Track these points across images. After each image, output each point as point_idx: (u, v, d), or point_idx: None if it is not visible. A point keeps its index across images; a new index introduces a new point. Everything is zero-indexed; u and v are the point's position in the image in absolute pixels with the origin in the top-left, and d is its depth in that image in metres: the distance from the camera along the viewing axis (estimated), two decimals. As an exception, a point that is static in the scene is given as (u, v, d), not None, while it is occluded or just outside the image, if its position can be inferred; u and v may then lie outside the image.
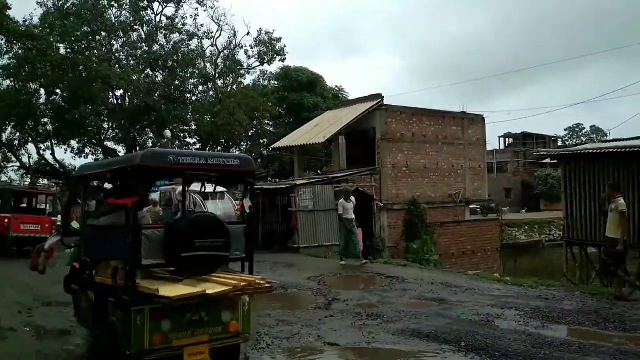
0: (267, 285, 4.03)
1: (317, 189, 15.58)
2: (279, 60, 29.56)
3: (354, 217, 11.16)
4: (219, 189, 13.20)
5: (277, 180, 31.33)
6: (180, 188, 12.57)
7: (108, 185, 4.28)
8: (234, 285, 3.71)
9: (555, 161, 14.44)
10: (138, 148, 28.73)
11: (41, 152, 26.51)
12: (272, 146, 22.69)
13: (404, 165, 19.36)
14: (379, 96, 19.58)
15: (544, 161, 31.48)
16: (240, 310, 4.02)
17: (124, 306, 3.39)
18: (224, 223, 4.07)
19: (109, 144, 29.54)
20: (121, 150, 28.93)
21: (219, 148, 34.29)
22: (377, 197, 17.50)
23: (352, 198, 11.01)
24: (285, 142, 21.19)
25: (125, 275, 3.49)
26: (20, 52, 22.11)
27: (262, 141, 33.80)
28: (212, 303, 3.61)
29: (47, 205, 13.76)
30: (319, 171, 26.85)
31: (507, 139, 55.45)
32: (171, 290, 3.40)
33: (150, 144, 27.13)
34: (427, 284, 9.04)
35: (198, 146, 32.00)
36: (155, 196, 15.62)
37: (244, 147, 33.36)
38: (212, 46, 28.06)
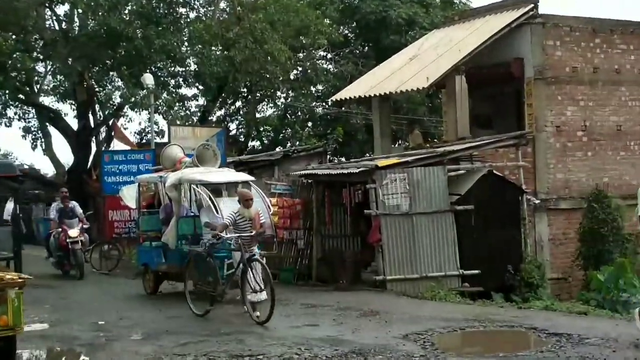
0: (19, 280, 7.54)
1: (417, 173, 15.66)
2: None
3: None
4: (240, 178, 14.11)
5: (342, 159, 31.81)
6: (171, 180, 13.49)
7: None
8: None
9: None
10: (98, 107, 30.32)
11: None
12: (333, 98, 22.99)
13: (578, 127, 19.18)
14: (530, 0, 19.23)
15: None
16: (10, 305, 7.59)
17: None
18: None
19: (47, 99, 31.44)
20: (69, 110, 30.52)
21: (238, 104, 35.38)
22: (527, 186, 17.33)
23: None
24: (356, 91, 21.41)
25: None
26: None
27: (313, 89, 34.44)
28: None
29: None
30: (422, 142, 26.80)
31: None
32: None
33: (118, 98, 28.48)
34: (625, 349, 8.93)
35: (201, 101, 33.28)
36: (131, 189, 16.71)
37: (282, 99, 34.26)
38: None
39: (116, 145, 28.70)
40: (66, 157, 34.95)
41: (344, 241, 17.33)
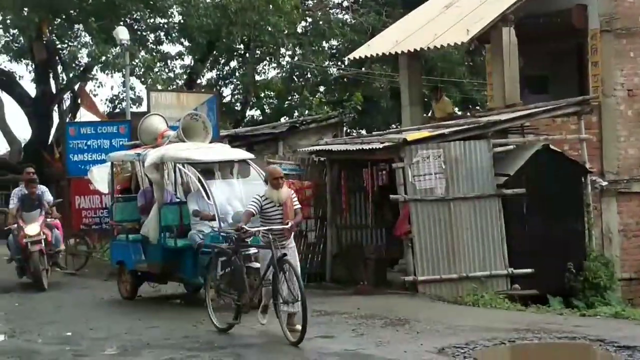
0: None
1: (455, 149, 15.63)
2: None
3: None
4: (236, 156, 14.20)
5: (362, 131, 31.62)
6: (151, 158, 13.49)
7: None
8: None
9: None
10: (60, 68, 30.30)
11: None
12: (351, 56, 22.91)
13: (656, 91, 18.95)
14: None
15: None
16: None
17: None
18: None
19: (2, 59, 31.45)
20: (25, 72, 30.47)
21: (233, 64, 35.18)
22: (592, 165, 17.25)
23: None
24: (380, 47, 21.33)
25: None
26: None
27: (326, 45, 34.25)
28: None
29: None
30: (454, 110, 26.67)
31: None
32: None
33: (86, 58, 28.46)
34: None
35: (189, 60, 33.22)
36: (102, 170, 16.77)
37: (287, 58, 34.11)
38: None
39: (83, 115, 28.83)
40: (22, 130, 35.11)
41: (365, 233, 17.34)
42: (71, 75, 29.53)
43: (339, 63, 34.04)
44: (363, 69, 30.59)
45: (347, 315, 12.65)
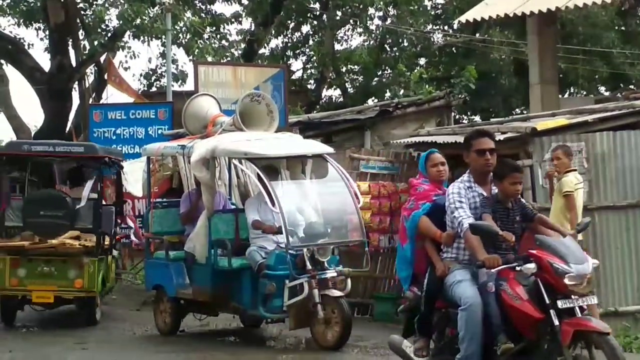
0: (79, 246, 15.34)
1: (603, 142, 15.58)
2: None
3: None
4: (310, 150, 14.40)
5: (475, 118, 31.10)
6: (199, 152, 13.58)
7: None
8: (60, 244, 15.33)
9: None
10: (82, 34, 30.67)
11: None
12: (462, 18, 22.90)
13: None
14: None
15: None
16: (86, 270, 15.18)
17: None
18: (63, 197, 16.33)
19: (1, 21, 31.85)
20: (36, 39, 30.91)
21: (306, 30, 35.00)
22: None
23: None
24: (500, 7, 21.31)
25: None
26: None
27: (427, 2, 34.10)
28: (59, 261, 15.38)
29: None
30: (597, 89, 26.43)
31: None
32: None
33: (115, 20, 28.82)
34: None
35: (247, 24, 33.24)
36: (135, 166, 17.03)
37: (377, 20, 34.06)
38: None
39: (111, 95, 29.14)
40: (33, 114, 35.51)
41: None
42: (96, 43, 29.76)
43: (446, 27, 33.94)
44: (478, 35, 30.42)
45: None
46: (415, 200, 9.58)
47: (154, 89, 32.60)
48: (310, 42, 35.95)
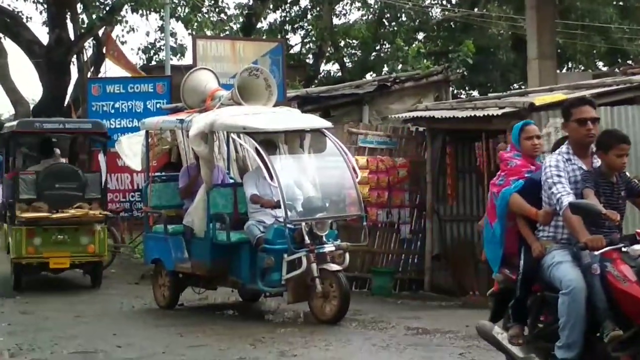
0: (99, 215, 17.02)
1: (603, 117, 15.39)
2: None
3: None
4: (308, 124, 14.41)
5: (473, 93, 31.11)
6: (198, 126, 13.56)
7: None
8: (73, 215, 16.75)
9: None
10: (80, 7, 30.66)
11: None
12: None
13: None
14: None
15: None
16: (97, 237, 16.93)
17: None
18: (76, 170, 17.67)
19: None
20: (34, 12, 30.82)
21: (304, 3, 35.10)
22: None
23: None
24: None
25: (8, 206, 18.43)
26: None
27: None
28: (72, 229, 16.92)
29: None
30: (595, 64, 26.38)
31: None
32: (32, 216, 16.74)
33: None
34: None
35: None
36: (133, 140, 17.04)
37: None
38: None
39: (109, 69, 29.10)
40: (31, 88, 35.51)
41: (477, 228, 17.26)
42: (94, 16, 29.77)
43: (444, 2, 33.87)
44: (476, 9, 30.36)
45: (451, 335, 12.60)
46: (506, 175, 8.97)
47: (152, 62, 32.49)
48: (309, 16, 35.87)
